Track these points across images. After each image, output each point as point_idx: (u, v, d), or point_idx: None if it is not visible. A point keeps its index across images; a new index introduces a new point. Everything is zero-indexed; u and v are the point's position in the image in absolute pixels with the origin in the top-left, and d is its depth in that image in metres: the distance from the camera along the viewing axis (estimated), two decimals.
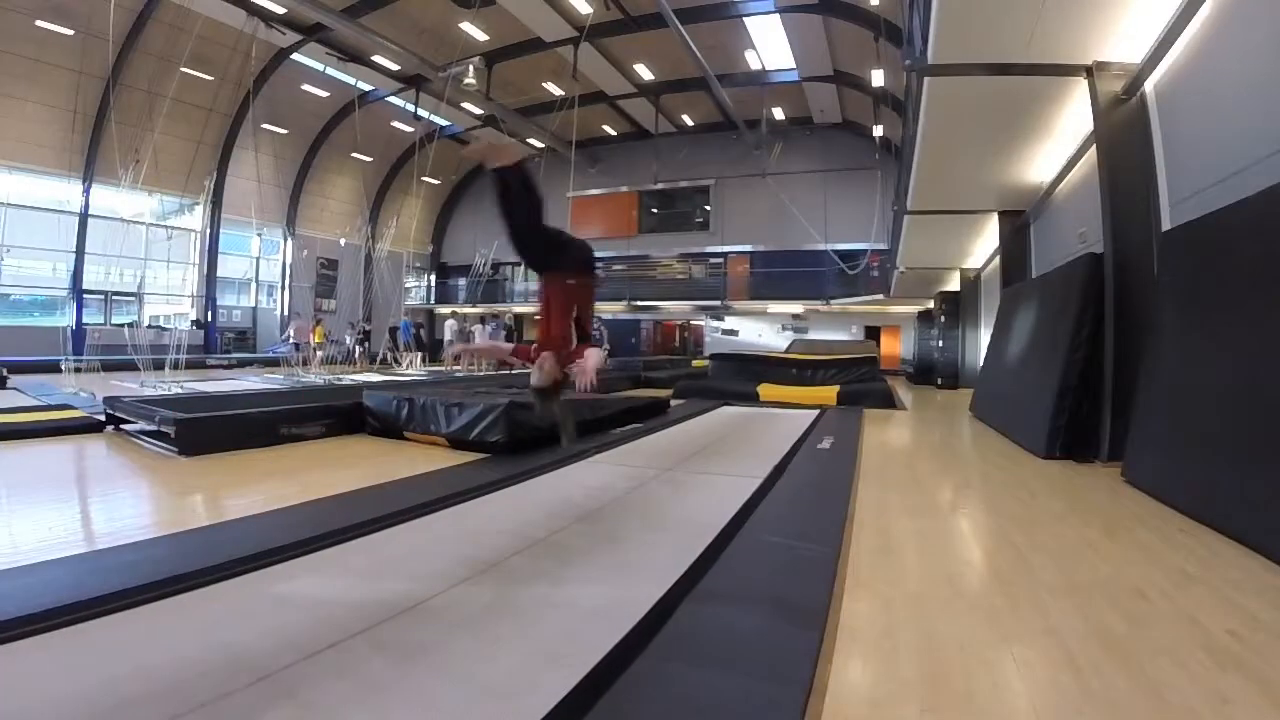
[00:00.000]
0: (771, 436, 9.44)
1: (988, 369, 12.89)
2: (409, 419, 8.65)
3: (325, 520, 4.70)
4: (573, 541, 4.41)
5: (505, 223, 4.70)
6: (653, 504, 5.47)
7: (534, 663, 2.82)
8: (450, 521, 4.89)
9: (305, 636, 2.99)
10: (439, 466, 6.94)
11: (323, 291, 33.82)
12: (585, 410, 9.34)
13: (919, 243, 17.43)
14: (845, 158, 30.08)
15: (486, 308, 32.71)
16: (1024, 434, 8.82)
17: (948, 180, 12.56)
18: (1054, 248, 11.82)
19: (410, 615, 3.24)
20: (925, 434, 10.87)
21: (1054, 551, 4.41)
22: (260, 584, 3.60)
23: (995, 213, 14.33)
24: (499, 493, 5.79)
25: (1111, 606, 3.49)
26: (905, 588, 3.76)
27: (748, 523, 4.80)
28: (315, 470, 6.88)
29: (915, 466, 7.69)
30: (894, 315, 30.49)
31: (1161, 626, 3.29)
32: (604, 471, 6.77)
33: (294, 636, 2.99)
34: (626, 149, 35.06)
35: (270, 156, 28.98)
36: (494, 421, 7.79)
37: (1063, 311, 8.56)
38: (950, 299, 21.02)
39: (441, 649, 2.93)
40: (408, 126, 31.31)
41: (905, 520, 5.17)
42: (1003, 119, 9.78)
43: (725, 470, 6.97)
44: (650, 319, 36.57)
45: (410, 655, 2.87)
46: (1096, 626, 3.27)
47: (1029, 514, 5.39)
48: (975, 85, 8.60)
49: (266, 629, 3.07)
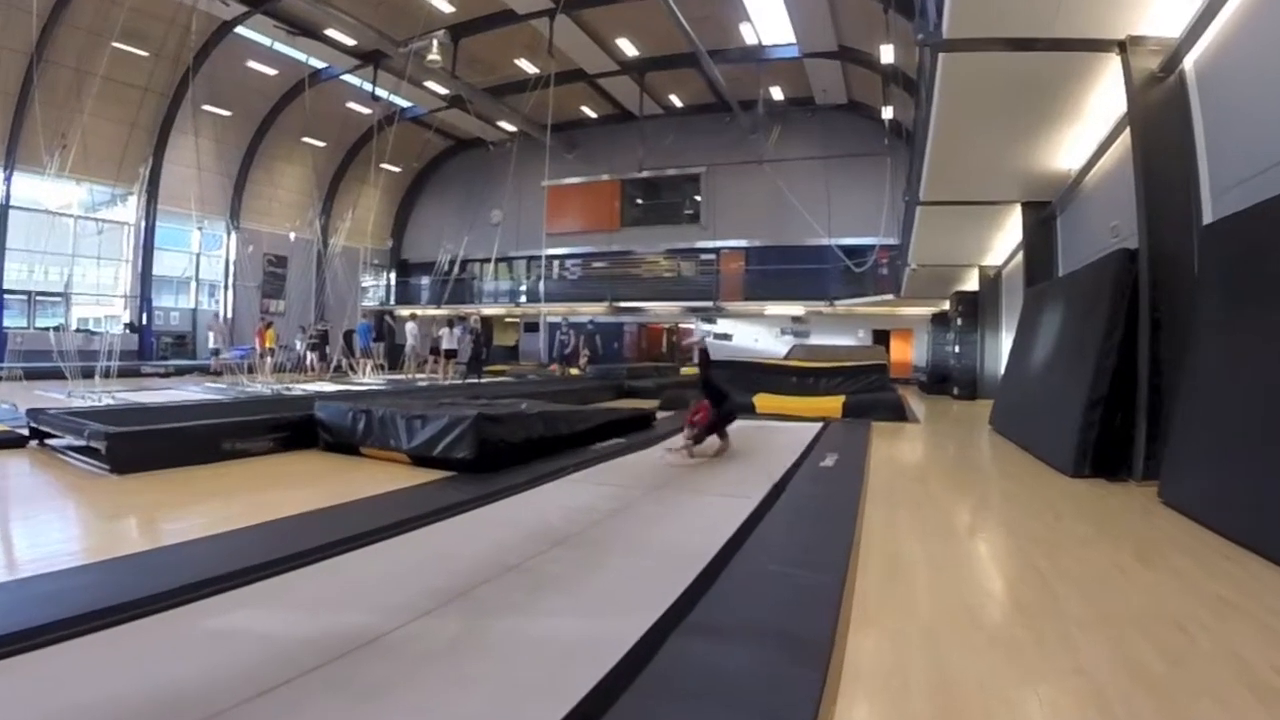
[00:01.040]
0: (769, 452, 9.43)
1: (1009, 378, 12.94)
2: (366, 433, 8.61)
3: (273, 545, 4.66)
4: (549, 569, 4.39)
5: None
6: (638, 527, 5.45)
7: (506, 704, 2.80)
8: (413, 546, 4.85)
9: (252, 674, 2.96)
10: (400, 485, 6.91)
11: (271, 291, 33.72)
12: (561, 423, 9.34)
13: (933, 237, 17.50)
14: (851, 142, 30.22)
15: (452, 309, 32.65)
16: (1049, 449, 8.85)
17: (965, 167, 12.62)
18: (1083, 242, 11.88)
19: (368, 651, 3.22)
20: (940, 449, 10.89)
21: (1082, 580, 4.41)
22: (202, 616, 3.56)
23: (1018, 204, 14.42)
24: (467, 514, 5.76)
25: (1146, 641, 3.49)
26: (917, 620, 3.76)
27: (743, 548, 4.79)
28: (262, 490, 6.85)
29: (928, 485, 7.70)
30: (905, 318, 30.62)
31: (1202, 663, 3.29)
32: (584, 491, 6.74)
33: (239, 674, 2.96)
34: (608, 133, 35.14)
35: (212, 141, 28.89)
36: (461, 435, 7.75)
37: (1092, 313, 8.58)
38: (968, 300, 21.13)
39: (403, 688, 2.90)
40: (365, 108, 31.28)
41: (917, 545, 5.17)
42: (1026, 99, 9.82)
43: (718, 490, 6.95)
44: (634, 322, 36.58)
45: (368, 695, 2.85)
46: (1130, 663, 3.27)
47: (1054, 538, 5.40)
48: (995, 62, 8.63)
49: (209, 666, 3.03)
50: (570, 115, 33.66)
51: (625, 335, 36.69)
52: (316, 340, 25.64)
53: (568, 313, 33.59)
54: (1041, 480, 7.83)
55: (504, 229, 32.71)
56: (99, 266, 27.37)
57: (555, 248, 34.28)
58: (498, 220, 34.32)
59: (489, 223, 35.95)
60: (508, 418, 8.36)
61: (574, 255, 36.83)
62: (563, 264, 37.21)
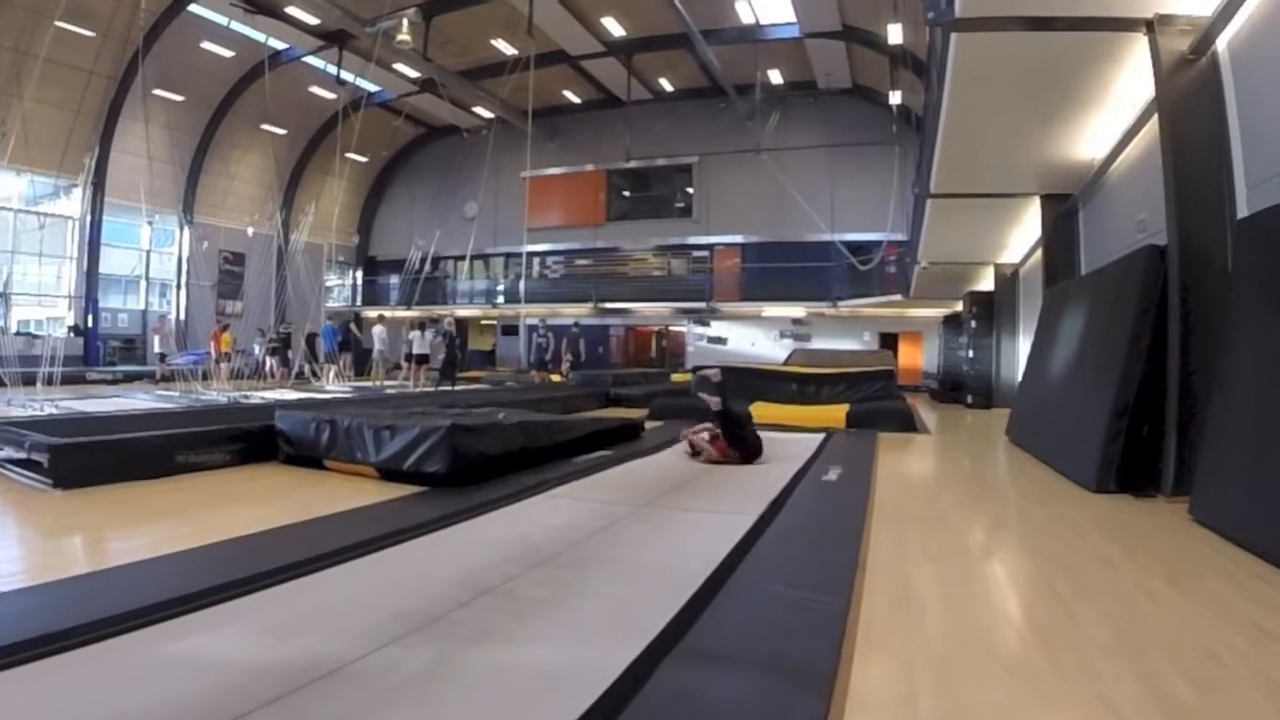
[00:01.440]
0: (767, 466, 9.43)
1: (1028, 384, 12.96)
2: (331, 444, 8.59)
3: (230, 566, 4.64)
4: (529, 592, 4.37)
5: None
6: (625, 547, 5.44)
7: None
8: (381, 567, 4.84)
9: (206, 706, 2.94)
10: (367, 501, 6.90)
11: (227, 291, 33.62)
12: (541, 434, 9.33)
13: (945, 232, 17.54)
14: (856, 130, 30.30)
15: (424, 311, 32.62)
16: (1071, 463, 8.86)
17: (979, 157, 12.65)
18: (1108, 238, 11.93)
19: (332, 681, 3.20)
20: (952, 463, 10.91)
21: (1107, 604, 4.41)
22: (152, 643, 3.53)
23: (1037, 196, 14.47)
24: (439, 533, 5.75)
25: (1176, 670, 3.49)
26: (928, 647, 3.75)
27: (738, 569, 4.78)
28: (218, 506, 6.82)
29: (940, 502, 7.71)
30: (914, 320, 30.68)
31: (1236, 694, 3.28)
32: (566, 508, 6.73)
33: (193, 706, 2.94)
34: (592, 120, 35.18)
35: (163, 129, 28.78)
36: (433, 448, 7.74)
37: (1118, 315, 8.60)
38: (982, 300, 21.20)
39: None
40: (329, 92, 31.27)
41: (928, 566, 5.17)
42: (1045, 83, 9.83)
43: (711, 507, 6.96)
44: (621, 324, 36.59)
45: None
46: (1158, 694, 3.27)
47: (1076, 559, 5.40)
48: (1012, 43, 8.64)
49: (160, 697, 3.01)
50: (552, 100, 33.67)
51: (611, 339, 36.70)
52: (277, 344, 25.59)
53: (549, 314, 33.60)
54: (1062, 496, 7.84)
55: (480, 224, 32.72)
56: (40, 264, 27.19)
57: (536, 244, 34.17)
58: (473, 214, 34.29)
59: (464, 217, 35.95)
60: (484, 428, 8.35)
61: (556, 252, 36.86)
62: (544, 261, 37.22)
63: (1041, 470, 9.54)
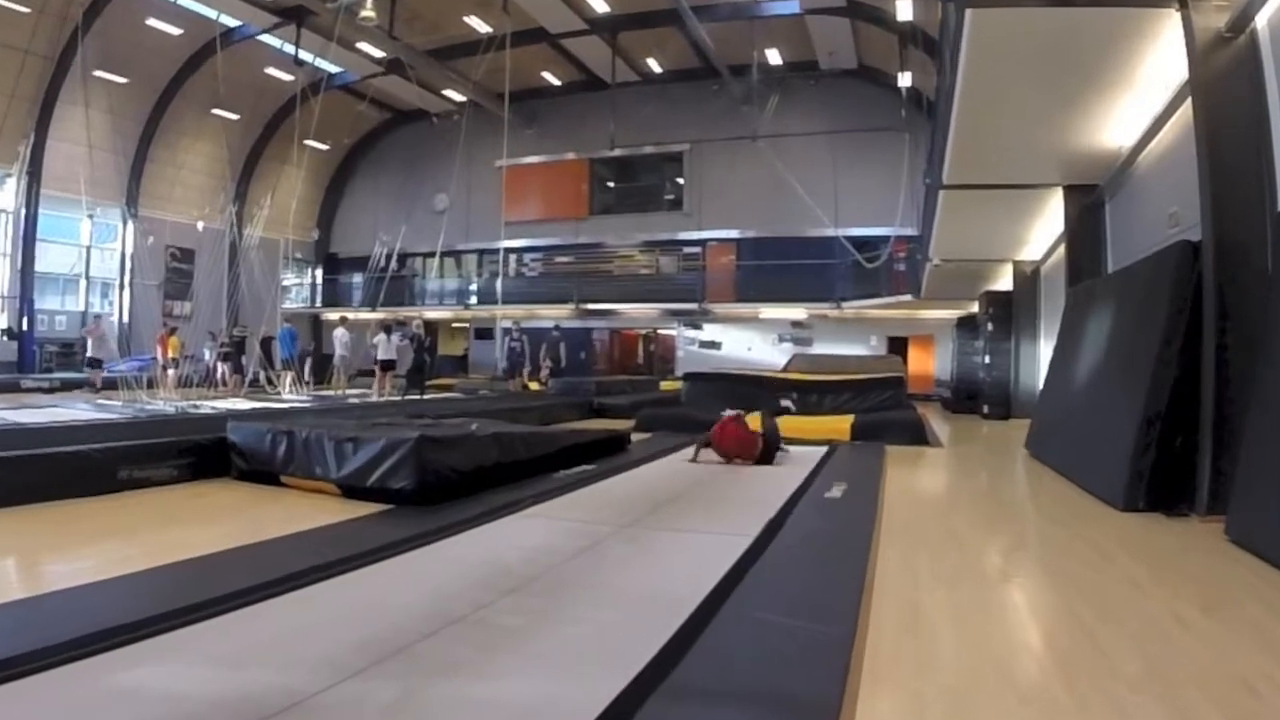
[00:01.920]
0: (765, 482, 9.44)
1: (1049, 393, 12.99)
2: (288, 458, 8.57)
3: (179, 592, 4.63)
4: (503, 620, 4.36)
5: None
6: (608, 571, 5.43)
7: None
8: (341, 593, 4.83)
9: None
10: (327, 521, 6.88)
11: (175, 291, 33.49)
12: (518, 447, 9.32)
13: (959, 227, 17.58)
14: (862, 115, 30.31)
15: (389, 313, 32.46)
16: (1096, 478, 8.84)
17: (997, 145, 12.66)
18: (1137, 233, 11.96)
19: (288, 717, 3.18)
20: (967, 478, 10.93)
21: (1135, 632, 4.41)
22: (95, 674, 3.51)
23: (1059, 187, 14.49)
24: (406, 555, 5.74)
25: (1209, 703, 3.49)
26: (940, 678, 3.75)
27: (733, 595, 4.77)
28: (165, 526, 6.81)
29: (953, 521, 7.72)
30: (926, 322, 30.75)
31: None
32: (544, 528, 6.73)
33: None
34: (574, 104, 35.18)
35: (105, 114, 28.72)
36: (400, 462, 7.71)
37: (1148, 316, 8.59)
38: (1000, 301, 21.24)
39: None
40: (286, 74, 31.21)
41: (940, 592, 5.18)
42: (1068, 64, 9.81)
43: (704, 527, 6.97)
44: (605, 327, 36.59)
45: None
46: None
47: (1102, 583, 5.40)
48: (1032, 19, 8.64)
49: None
50: (529, 83, 33.65)
51: (594, 343, 36.68)
52: (229, 349, 25.49)
53: (526, 316, 33.56)
54: (1087, 515, 7.85)
55: (451, 217, 32.66)
56: None
57: (512, 239, 34.21)
58: (443, 207, 34.27)
59: (433, 210, 35.93)
60: (455, 441, 8.35)
61: (534, 248, 36.91)
62: (520, 259, 37.22)
63: (1064, 486, 9.54)
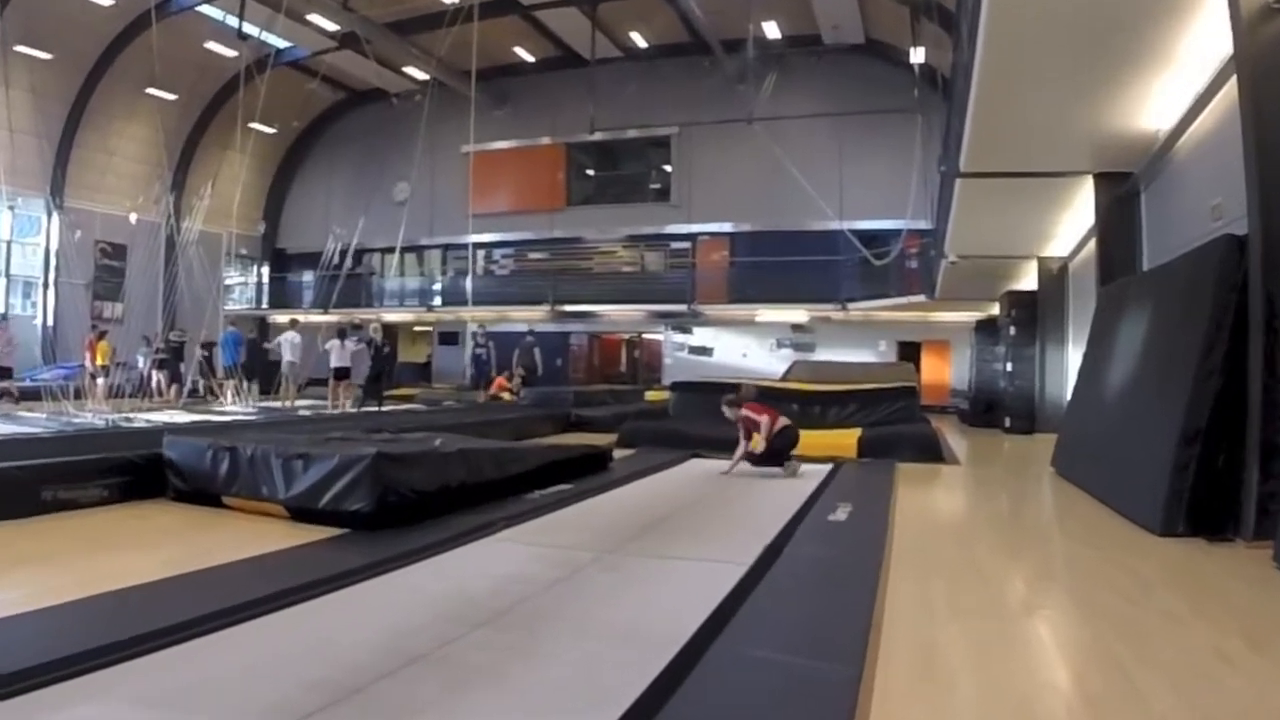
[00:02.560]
0: (762, 503, 9.46)
1: (1078, 405, 12.99)
2: (231, 478, 8.54)
3: (110, 626, 4.60)
4: (471, 657, 4.34)
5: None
6: (588, 602, 5.42)
7: None
8: (290, 628, 4.81)
9: None
10: (274, 547, 6.84)
11: (105, 291, 33.39)
12: (487, 465, 9.30)
13: (978, 220, 17.63)
14: (870, 95, 30.32)
15: (344, 315, 32.40)
16: (1131, 500, 8.83)
17: (1020, 127, 12.69)
18: (1176, 226, 12.00)
19: None
20: (986, 500, 10.94)
21: (1174, 670, 4.40)
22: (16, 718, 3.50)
23: (1089, 176, 14.55)
24: (363, 585, 5.73)
25: None
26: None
27: (726, 630, 4.75)
28: (94, 552, 6.78)
29: (972, 547, 7.71)
30: (941, 326, 30.86)
31: None
32: (516, 555, 6.73)
33: None
34: (549, 83, 35.24)
35: (27, 93, 28.67)
36: (355, 481, 7.68)
37: (1188, 319, 8.59)
38: (1024, 302, 21.33)
39: None
40: (229, 49, 31.11)
41: (956, 625, 5.16)
42: (1100, 36, 9.82)
43: (694, 553, 6.96)
44: (584, 331, 36.59)
45: None
46: None
47: (1138, 616, 5.39)
48: None
49: None
50: (500, 59, 33.70)
51: (572, 349, 36.72)
52: (165, 355, 25.44)
53: (496, 319, 33.55)
54: (1120, 540, 7.84)
55: (412, 209, 32.59)
56: None
57: (480, 233, 34.22)
58: (404, 198, 34.25)
59: (393, 201, 35.96)
60: (417, 458, 8.34)
61: (505, 243, 37.03)
62: (490, 255, 37.25)
63: (1095, 509, 9.55)
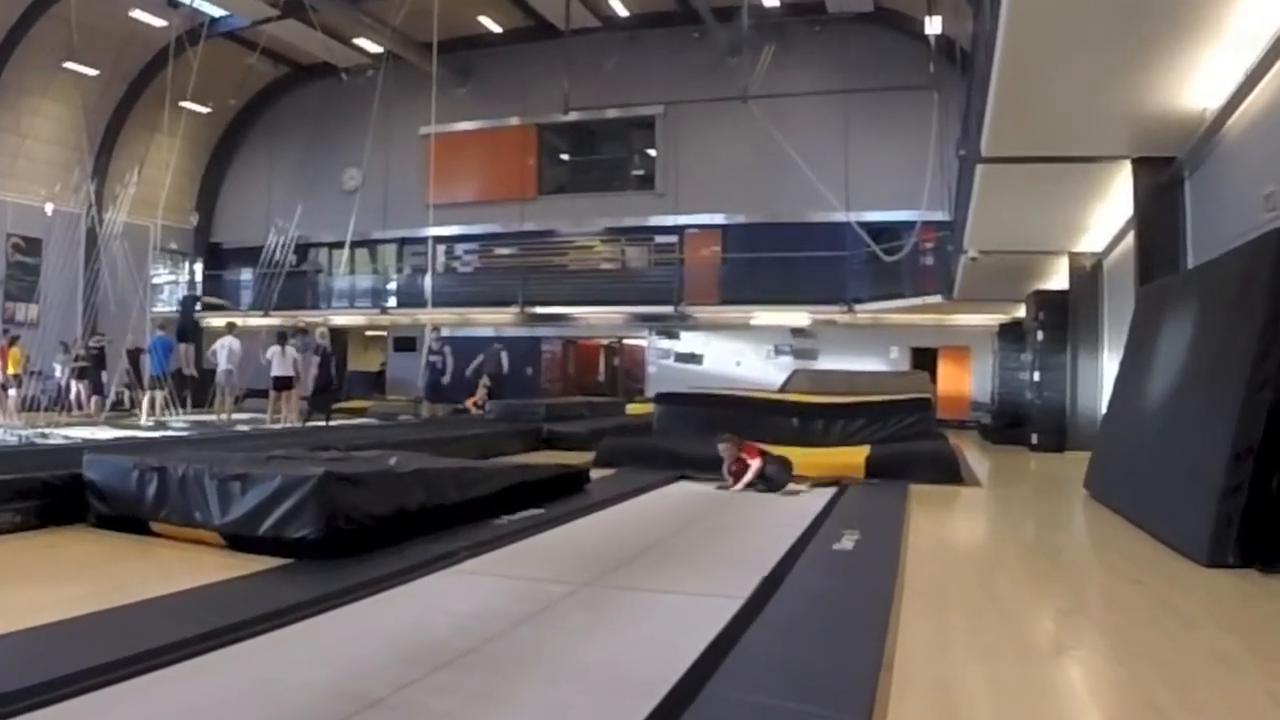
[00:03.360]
0: (758, 530, 9.49)
1: (1115, 419, 12.99)
2: (160, 501, 8.47)
3: (23, 669, 4.53)
4: (431, 703, 4.32)
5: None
6: (563, 642, 5.41)
7: None
8: (226, 671, 4.75)
9: None
10: (209, 579, 6.78)
11: (17, 291, 33.34)
12: (448, 487, 9.27)
13: (1001, 210, 17.66)
14: (880, 70, 30.43)
15: (287, 317, 32.33)
16: (1174, 526, 8.81)
17: (1049, 106, 12.66)
18: (1224, 218, 12.01)
19: None
20: (1011, 526, 10.96)
21: (1223, 718, 4.42)
22: None
23: (1127, 161, 14.48)
24: (310, 622, 5.69)
25: None
26: None
27: (718, 673, 4.71)
28: (4, 585, 6.74)
29: (994, 580, 7.72)
30: (959, 330, 30.93)
31: None
32: (482, 588, 6.73)
33: None
34: (519, 56, 35.24)
35: None
36: (300, 505, 7.62)
37: (1239, 323, 8.58)
38: (1053, 304, 21.38)
39: None
40: (157, 19, 31.08)
41: (977, 668, 5.12)
42: (1138, 3, 9.83)
43: (682, 586, 6.95)
44: (557, 336, 36.57)
45: None
46: None
47: (1182, 658, 5.36)
48: None
49: None
50: (463, 29, 33.73)
51: (544, 356, 36.71)
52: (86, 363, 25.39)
53: (459, 322, 33.51)
54: (1162, 571, 7.83)
55: (364, 198, 32.62)
56: None
57: (441, 226, 33.86)
58: (355, 185, 34.28)
59: (342, 189, 35.95)
60: (370, 479, 8.32)
61: (469, 237, 37.10)
62: (451, 250, 37.20)
63: (1133, 536, 9.54)
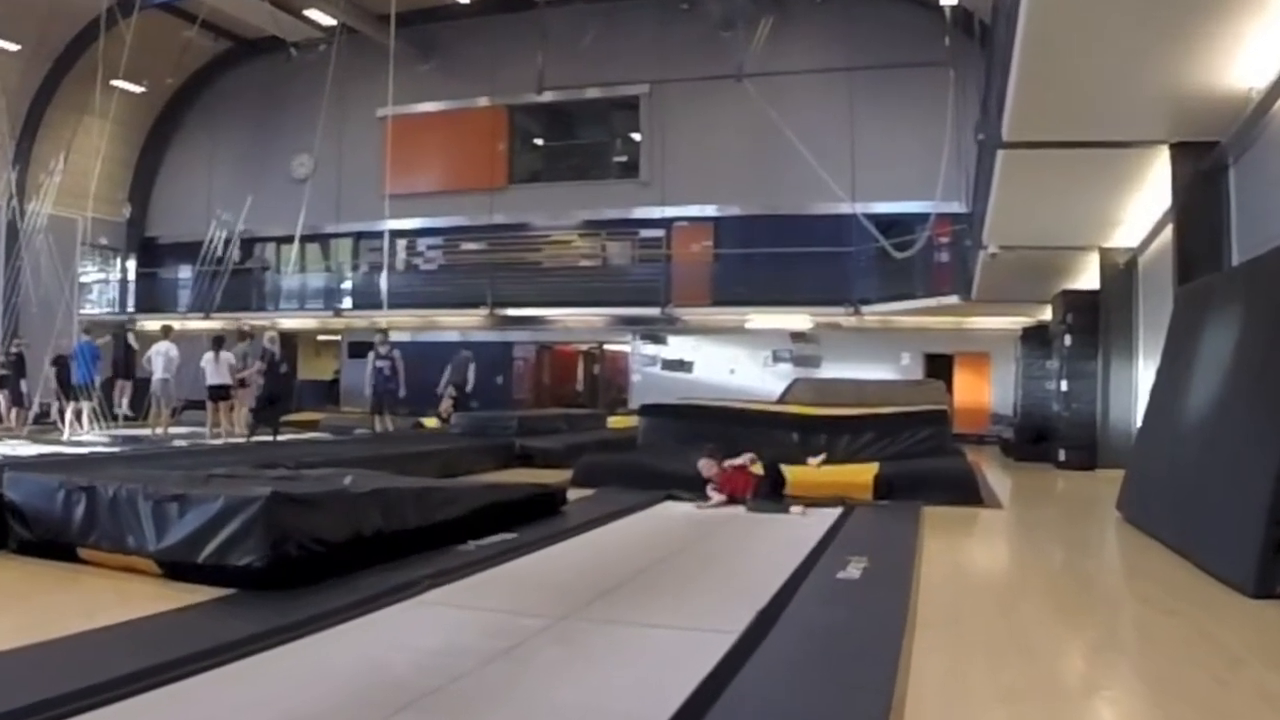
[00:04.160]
0: (755, 557, 9.51)
1: (1151, 433, 12.97)
2: (88, 525, 8.42)
3: None
4: None
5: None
6: (534, 681, 5.40)
7: None
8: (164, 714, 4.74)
9: None
10: (144, 612, 6.74)
11: None
12: (409, 509, 9.24)
13: (1025, 201, 17.67)
14: (890, 46, 30.47)
15: (230, 320, 32.17)
16: (1217, 553, 8.80)
17: (1077, 86, 12.66)
18: (1273, 209, 12.01)
19: None
20: (1036, 552, 10.97)
21: None
22: None
23: (1164, 146, 14.47)
24: (255, 659, 5.64)
25: None
26: None
27: (709, 715, 4.69)
28: None
29: (1017, 612, 7.72)
30: (978, 334, 30.94)
31: None
32: (447, 621, 6.73)
33: None
34: (488, 29, 35.26)
35: None
36: (245, 529, 7.57)
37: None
38: (1082, 305, 21.39)
39: None
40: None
41: (999, 711, 5.11)
42: None
43: (670, 620, 6.94)
44: (531, 340, 36.55)
45: None
46: None
47: (1226, 698, 5.35)
48: None
49: None
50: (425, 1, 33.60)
51: (516, 363, 36.68)
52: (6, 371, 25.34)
53: (421, 325, 33.43)
54: (1204, 602, 7.84)
55: (315, 188, 32.58)
56: None
57: (401, 218, 34.17)
58: (305, 174, 34.23)
59: (291, 178, 35.87)
60: (322, 500, 8.28)
61: (432, 231, 37.07)
62: (413, 245, 37.16)
63: (1172, 563, 9.54)
